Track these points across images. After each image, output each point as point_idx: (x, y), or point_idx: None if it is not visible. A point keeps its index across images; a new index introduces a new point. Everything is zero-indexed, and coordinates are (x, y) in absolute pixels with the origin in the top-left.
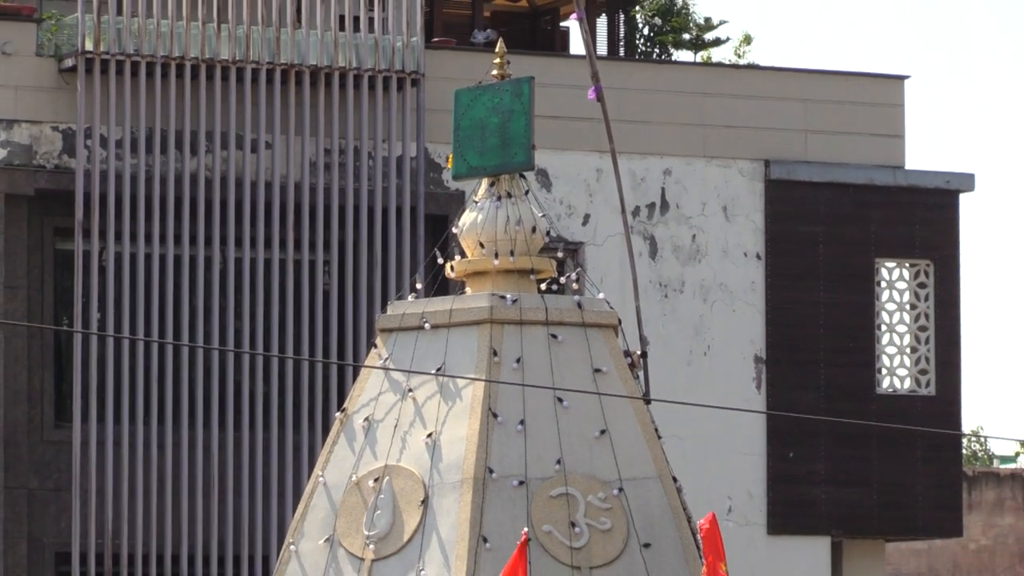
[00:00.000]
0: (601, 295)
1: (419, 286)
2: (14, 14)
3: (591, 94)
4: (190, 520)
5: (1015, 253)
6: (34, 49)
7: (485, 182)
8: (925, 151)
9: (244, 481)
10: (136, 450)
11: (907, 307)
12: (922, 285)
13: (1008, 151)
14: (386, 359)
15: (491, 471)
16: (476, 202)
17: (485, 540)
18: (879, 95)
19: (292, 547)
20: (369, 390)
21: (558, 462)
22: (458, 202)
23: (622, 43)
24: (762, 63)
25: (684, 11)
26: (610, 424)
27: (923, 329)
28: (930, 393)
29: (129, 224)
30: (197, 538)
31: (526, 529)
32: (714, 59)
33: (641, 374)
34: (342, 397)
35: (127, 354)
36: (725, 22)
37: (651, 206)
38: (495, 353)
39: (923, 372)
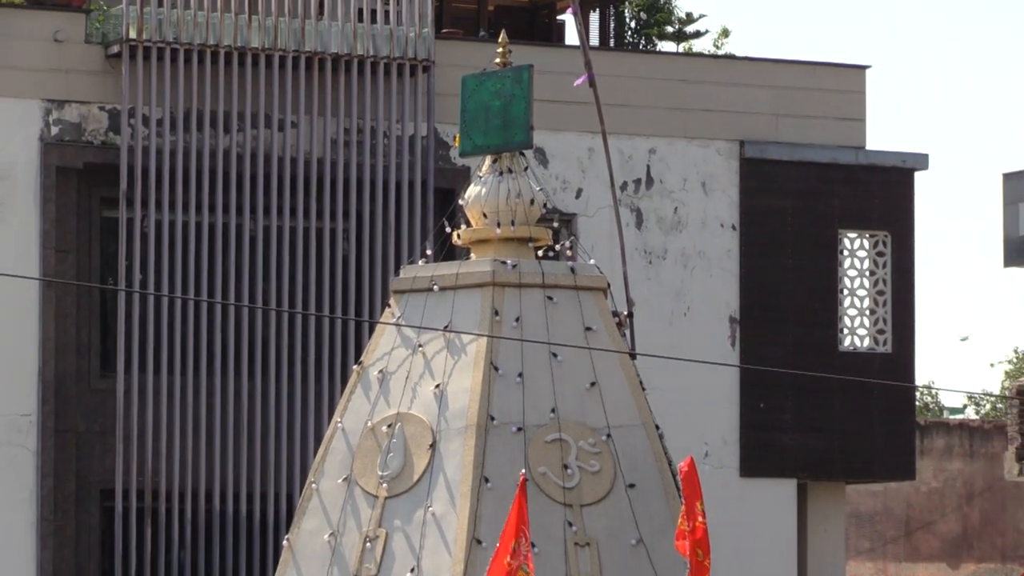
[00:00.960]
0: (592, 261)
1: (429, 252)
2: (65, 5)
3: (578, 81)
4: (221, 460)
5: (964, 225)
6: (83, 37)
7: (488, 159)
8: (884, 133)
9: (270, 426)
10: (173, 397)
11: (867, 273)
12: (880, 254)
13: (958, 133)
14: (399, 317)
15: (492, 418)
16: (480, 177)
17: (487, 480)
18: (843, 83)
19: (313, 485)
20: (383, 345)
21: (552, 411)
22: (464, 177)
23: (612, 35)
24: (737, 54)
25: (667, 6)
26: (599, 377)
27: (881, 293)
28: (887, 351)
29: (168, 194)
30: (228, 476)
31: (524, 471)
32: (694, 50)
33: (627, 332)
34: (359, 351)
35: (166, 311)
36: (704, 16)
37: (637, 181)
38: (496, 313)
39: (881, 332)
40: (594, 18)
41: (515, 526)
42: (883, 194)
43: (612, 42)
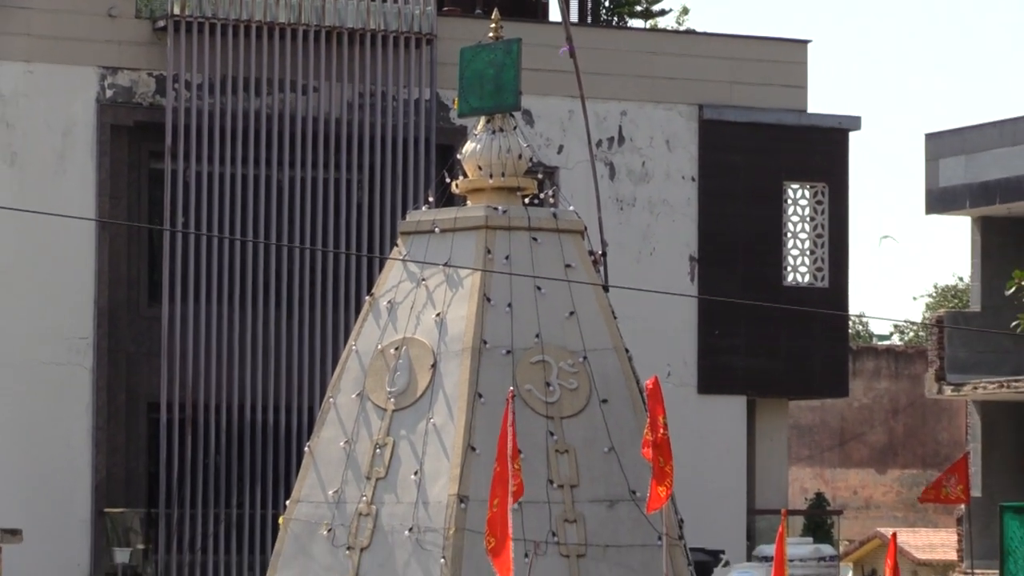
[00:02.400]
0: (571, 208)
1: (431, 199)
2: None
3: (561, 51)
4: (251, 377)
5: (891, 177)
6: (134, 12)
7: (483, 119)
8: (823, 98)
9: (294, 348)
10: (211, 323)
11: (807, 219)
12: (819, 202)
13: (887, 99)
14: (405, 255)
15: (485, 342)
16: (476, 135)
17: (480, 396)
18: (787, 55)
19: (331, 400)
20: (391, 279)
21: (537, 336)
22: (462, 135)
23: (589, 13)
24: (697, 29)
25: None
26: (578, 307)
27: (819, 236)
28: (824, 286)
29: (207, 149)
30: (257, 391)
31: (512, 388)
32: (660, 26)
33: (602, 269)
34: (370, 284)
35: (204, 249)
36: None
37: (610, 139)
38: (489, 251)
39: (819, 269)
40: None
41: (504, 437)
42: (822, 151)
43: (589, 19)
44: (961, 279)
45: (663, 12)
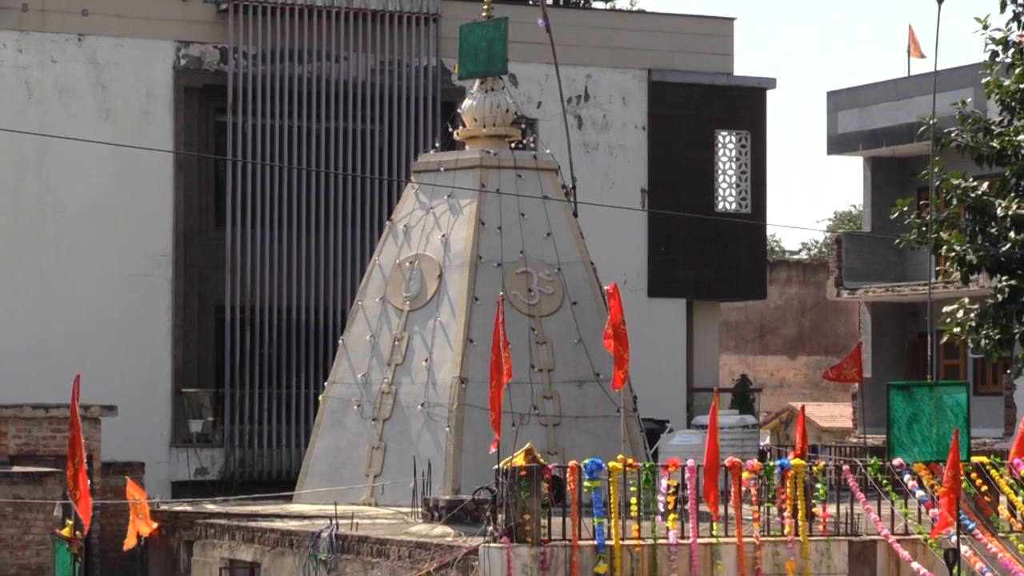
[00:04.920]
0: (548, 151)
1: (437, 145)
2: None
3: (540, 23)
4: (297, 285)
5: (799, 126)
6: None
7: (477, 81)
8: (746, 63)
9: (331, 262)
10: (265, 243)
11: (734, 159)
12: (743, 146)
13: (796, 64)
14: (417, 188)
15: (480, 257)
16: (472, 94)
17: (477, 299)
18: (718, 29)
19: (359, 303)
20: (406, 207)
21: (521, 252)
22: (461, 94)
23: None
24: (647, 9)
25: None
26: (553, 228)
27: (743, 172)
28: (747, 211)
29: (260, 105)
30: (302, 296)
31: (501, 293)
32: (617, 6)
33: (572, 199)
34: (390, 211)
35: (259, 184)
36: None
37: (579, 96)
38: (483, 185)
39: (743, 198)
40: None
41: (496, 332)
42: (745, 105)
43: (562, 1)
44: (855, 206)
45: None
